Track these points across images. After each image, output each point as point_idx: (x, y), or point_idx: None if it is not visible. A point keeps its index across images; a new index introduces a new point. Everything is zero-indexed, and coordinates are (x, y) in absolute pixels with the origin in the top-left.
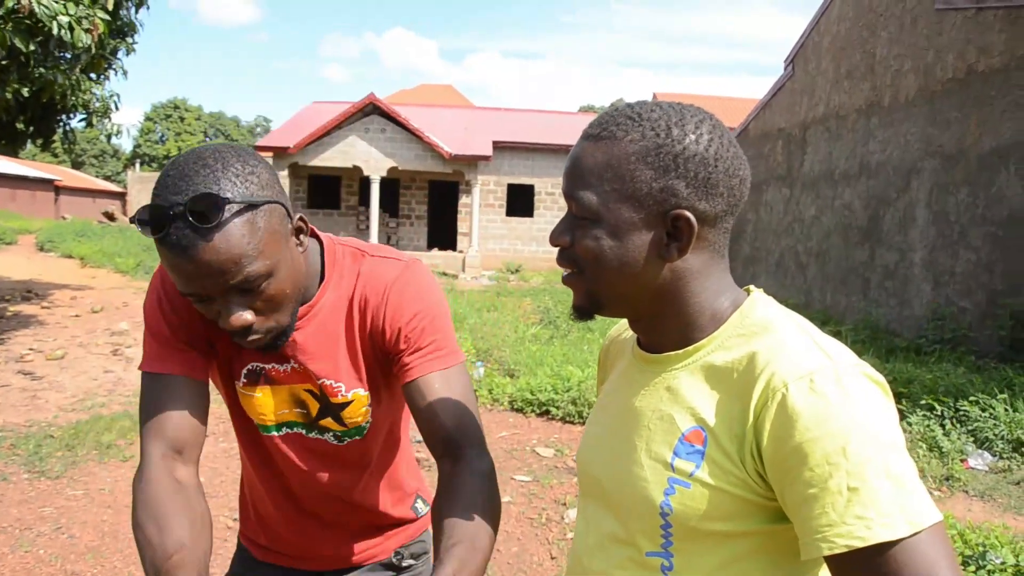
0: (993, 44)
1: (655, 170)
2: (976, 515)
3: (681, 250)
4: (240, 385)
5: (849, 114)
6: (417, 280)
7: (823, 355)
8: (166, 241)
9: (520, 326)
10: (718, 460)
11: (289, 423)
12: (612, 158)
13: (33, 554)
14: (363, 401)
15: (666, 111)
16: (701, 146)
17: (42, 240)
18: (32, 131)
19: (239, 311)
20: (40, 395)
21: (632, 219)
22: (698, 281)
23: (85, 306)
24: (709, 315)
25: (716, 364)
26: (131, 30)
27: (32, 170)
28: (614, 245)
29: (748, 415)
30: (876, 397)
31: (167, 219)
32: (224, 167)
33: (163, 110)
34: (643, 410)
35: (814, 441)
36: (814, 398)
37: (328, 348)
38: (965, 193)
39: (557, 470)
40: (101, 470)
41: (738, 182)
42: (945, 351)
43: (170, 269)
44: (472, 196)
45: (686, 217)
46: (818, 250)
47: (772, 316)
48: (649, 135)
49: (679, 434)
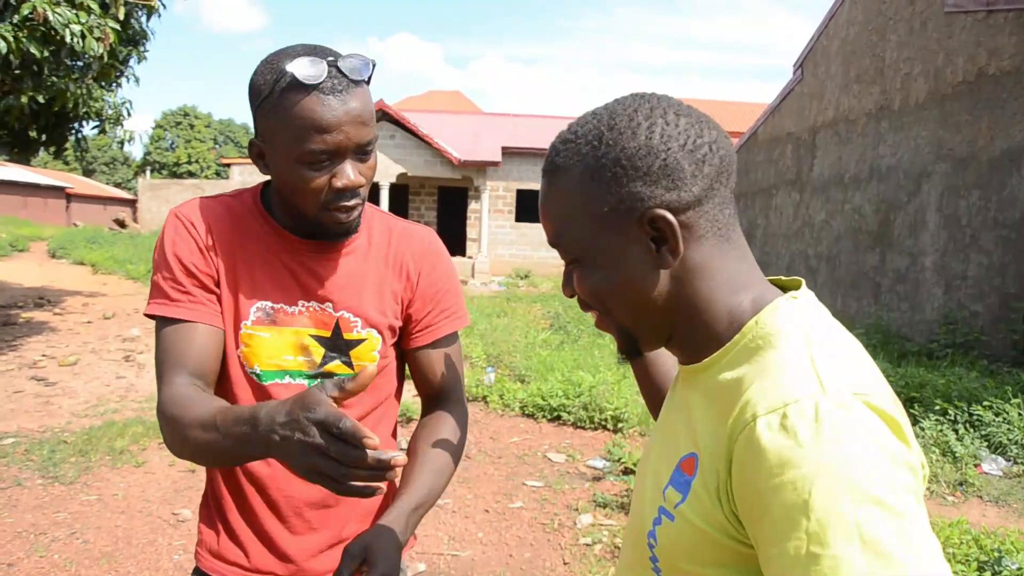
0: (1004, 47)
1: (606, 184)
2: (991, 520)
3: (673, 251)
4: (249, 324)
5: (859, 118)
6: (442, 246)
7: (814, 381)
8: (322, 87)
9: (530, 331)
10: (700, 495)
11: (291, 372)
12: (565, 193)
13: (48, 559)
14: (373, 344)
15: (598, 116)
16: (640, 137)
17: (54, 247)
18: (45, 139)
19: (355, 172)
20: (53, 401)
21: (611, 243)
22: (707, 279)
23: (97, 312)
24: (727, 320)
25: (720, 383)
26: (142, 38)
27: (44, 177)
28: (608, 276)
29: (722, 447)
30: (868, 435)
31: (323, 69)
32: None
33: (173, 117)
34: (665, 428)
35: (774, 490)
36: (781, 436)
37: (354, 285)
38: (976, 196)
39: (569, 475)
40: (114, 475)
41: (705, 151)
42: (957, 355)
43: (314, 120)
44: (481, 202)
45: (661, 215)
46: (828, 254)
47: (781, 327)
48: (585, 151)
49: (677, 460)
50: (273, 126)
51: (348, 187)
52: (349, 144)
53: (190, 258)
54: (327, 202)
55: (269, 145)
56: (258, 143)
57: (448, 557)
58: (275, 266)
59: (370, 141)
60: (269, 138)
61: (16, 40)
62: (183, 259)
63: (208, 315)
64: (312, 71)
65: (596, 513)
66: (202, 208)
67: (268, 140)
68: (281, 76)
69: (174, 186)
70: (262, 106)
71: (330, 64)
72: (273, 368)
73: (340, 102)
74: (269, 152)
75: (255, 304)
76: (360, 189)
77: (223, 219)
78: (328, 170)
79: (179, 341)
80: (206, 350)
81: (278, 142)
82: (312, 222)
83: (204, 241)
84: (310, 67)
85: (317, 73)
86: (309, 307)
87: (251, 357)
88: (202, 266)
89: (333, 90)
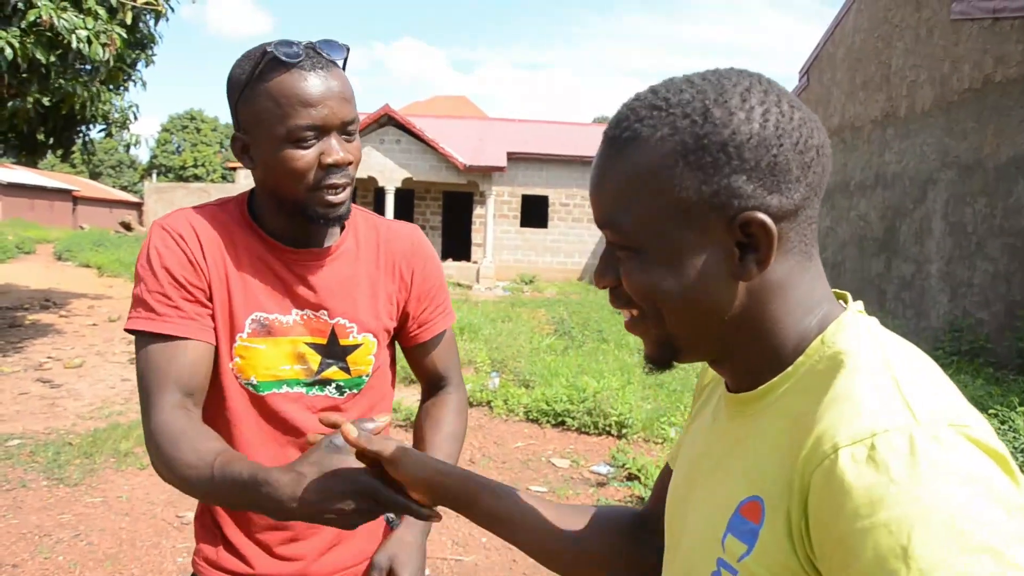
0: (1010, 54)
1: (702, 170)
2: None
3: (761, 263)
4: (244, 336)
5: (864, 125)
6: (428, 242)
7: (904, 409)
8: (302, 64)
9: (535, 337)
10: (769, 545)
11: (289, 381)
12: (642, 167)
13: (52, 561)
14: (369, 348)
15: (699, 87)
16: (755, 123)
17: (60, 250)
18: (52, 142)
19: (342, 148)
20: (58, 403)
21: (687, 239)
22: (783, 298)
23: (102, 315)
24: (794, 343)
25: (787, 412)
26: (150, 42)
27: (50, 180)
28: (671, 276)
29: (794, 485)
30: (980, 474)
31: (303, 50)
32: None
33: (179, 121)
34: (713, 465)
35: (864, 533)
36: (870, 471)
37: (347, 290)
38: (982, 204)
39: (573, 481)
40: (119, 478)
41: (814, 154)
42: (963, 363)
43: (297, 94)
44: (486, 207)
45: (760, 221)
46: (833, 261)
47: (853, 347)
48: (683, 126)
49: (735, 504)
50: (256, 110)
51: (338, 162)
52: (334, 119)
53: (180, 271)
54: (317, 182)
55: (253, 135)
56: (241, 136)
57: (452, 562)
58: (267, 276)
59: (353, 120)
60: (253, 126)
61: (22, 46)
62: (172, 272)
63: (198, 330)
64: (291, 50)
65: None
66: (189, 219)
67: (251, 129)
68: (260, 58)
69: (180, 189)
70: (243, 95)
71: (307, 45)
72: (270, 379)
73: (321, 78)
74: (253, 142)
75: (250, 316)
76: (349, 168)
77: (211, 231)
78: (314, 148)
79: (168, 359)
80: (197, 367)
81: (263, 126)
82: (302, 210)
83: (194, 253)
84: (289, 47)
85: (296, 51)
86: (303, 315)
87: (247, 369)
88: (193, 279)
89: (313, 67)
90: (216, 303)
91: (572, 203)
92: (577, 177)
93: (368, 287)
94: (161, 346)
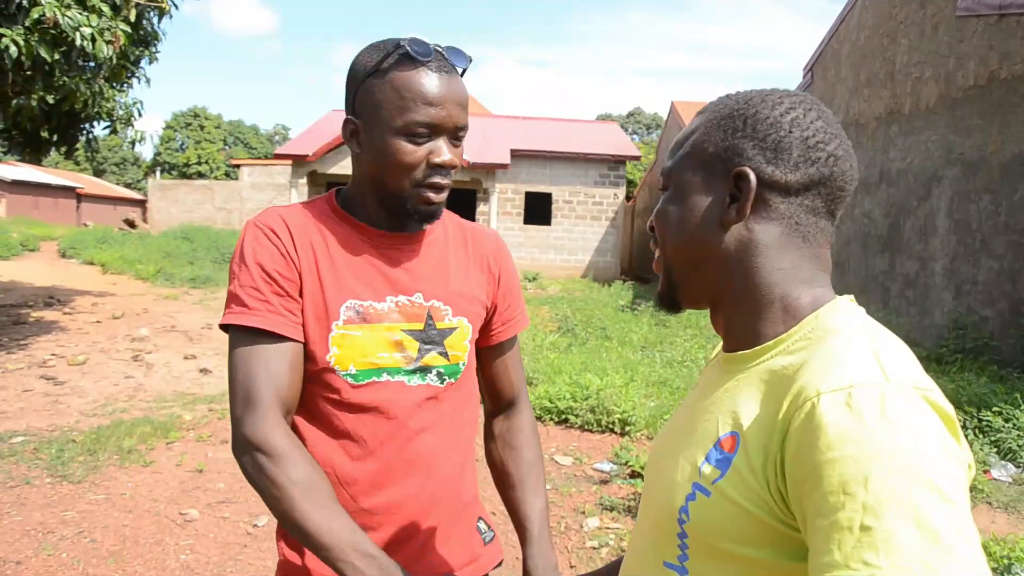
0: (1016, 51)
1: (724, 131)
2: (1000, 527)
3: (740, 211)
4: (340, 323)
5: (869, 122)
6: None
7: (879, 370)
8: (430, 65)
9: (538, 334)
10: (743, 472)
11: (389, 370)
12: (695, 127)
13: (56, 558)
14: (465, 333)
15: (761, 89)
16: (777, 112)
17: (64, 247)
18: (56, 139)
19: (451, 151)
20: (62, 400)
21: (695, 180)
22: (767, 256)
23: (106, 312)
24: (780, 305)
25: (774, 369)
26: (154, 39)
27: (54, 178)
28: (678, 208)
29: (776, 425)
30: (930, 428)
31: (432, 51)
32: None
33: (183, 118)
34: (700, 411)
35: (833, 463)
36: (847, 414)
37: (441, 273)
38: (987, 201)
39: (576, 478)
40: (122, 475)
41: (823, 156)
42: (967, 360)
43: (422, 91)
44: (490, 204)
45: (745, 173)
46: (838, 259)
47: (846, 322)
48: (730, 104)
49: (716, 438)
50: (377, 98)
51: (445, 164)
52: (449, 122)
53: (272, 264)
54: (422, 179)
55: (367, 120)
56: (354, 120)
57: None
58: (360, 263)
59: (465, 126)
60: (369, 112)
61: (27, 44)
62: (265, 266)
63: (287, 326)
64: (423, 49)
65: (603, 516)
66: (281, 215)
67: (367, 115)
68: (392, 51)
69: (184, 187)
70: (366, 81)
71: (437, 48)
72: (368, 367)
73: (446, 81)
74: (366, 128)
75: (344, 303)
76: (452, 171)
77: (302, 221)
78: (425, 146)
79: (263, 359)
80: (294, 375)
81: (380, 114)
82: (401, 204)
83: (286, 246)
84: (422, 46)
85: (428, 51)
86: (398, 302)
87: (345, 359)
88: (285, 271)
89: (440, 69)
90: (307, 293)
91: (576, 200)
92: (580, 174)
93: (461, 272)
94: (253, 342)
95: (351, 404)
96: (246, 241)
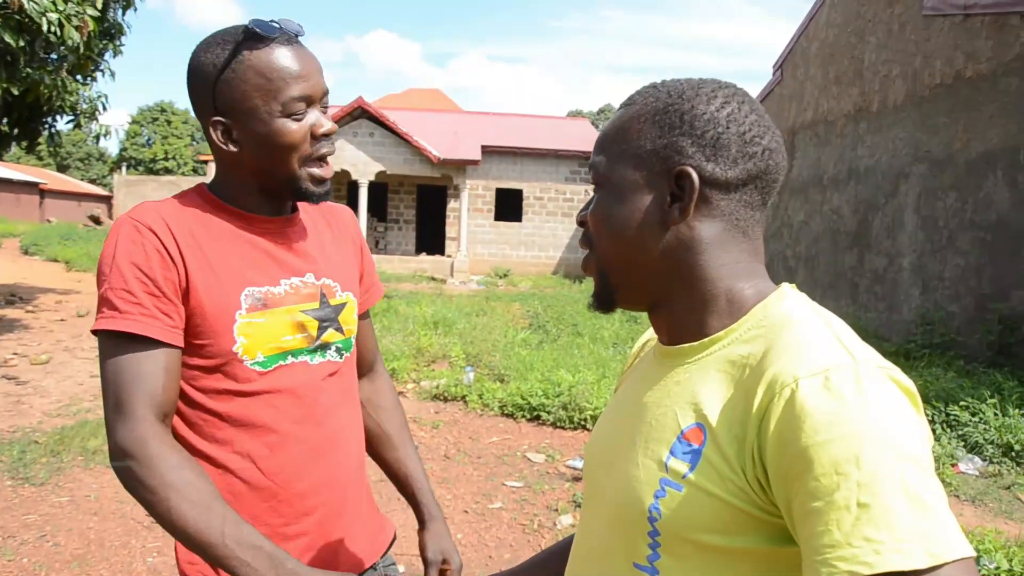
0: (980, 50)
1: (660, 128)
2: (968, 520)
3: (683, 211)
4: (244, 313)
5: (838, 119)
6: None
7: (845, 352)
8: (279, 40)
9: (510, 331)
10: (715, 462)
11: (293, 352)
12: (625, 121)
13: (16, 563)
14: (353, 307)
15: (689, 80)
16: (712, 107)
17: (26, 243)
18: (17, 133)
19: (327, 119)
20: (24, 400)
21: (634, 178)
22: (710, 254)
23: (70, 310)
24: (725, 298)
25: (731, 358)
26: (118, 31)
27: (16, 173)
28: (617, 208)
29: (751, 414)
30: (902, 404)
31: (277, 26)
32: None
33: (150, 113)
34: (649, 406)
35: (822, 445)
36: (828, 397)
37: (325, 252)
38: (953, 198)
39: (549, 475)
40: (87, 476)
41: (759, 150)
42: (934, 356)
43: (289, 68)
44: (460, 200)
45: (687, 173)
46: (807, 255)
47: (796, 310)
48: (662, 97)
49: (678, 431)
50: (243, 89)
51: (330, 132)
52: (319, 90)
53: (148, 263)
54: (312, 153)
55: (239, 114)
56: (223, 120)
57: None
58: (248, 250)
59: (328, 91)
60: (239, 106)
61: None
62: (140, 265)
63: (160, 329)
64: (268, 26)
65: (576, 514)
66: (157, 209)
67: (237, 109)
68: (240, 39)
69: (151, 182)
70: (222, 77)
71: (274, 22)
72: (275, 351)
73: (300, 52)
74: (241, 123)
75: (243, 292)
76: (332, 136)
77: (181, 217)
78: (305, 120)
79: (137, 365)
80: (169, 381)
81: (253, 103)
82: (291, 186)
83: (165, 243)
84: (264, 24)
85: (274, 26)
86: (292, 284)
87: (252, 347)
88: (163, 270)
89: (289, 42)
90: (201, 287)
91: (546, 197)
92: (551, 171)
93: (336, 249)
94: (124, 348)
95: (260, 392)
96: (120, 240)
